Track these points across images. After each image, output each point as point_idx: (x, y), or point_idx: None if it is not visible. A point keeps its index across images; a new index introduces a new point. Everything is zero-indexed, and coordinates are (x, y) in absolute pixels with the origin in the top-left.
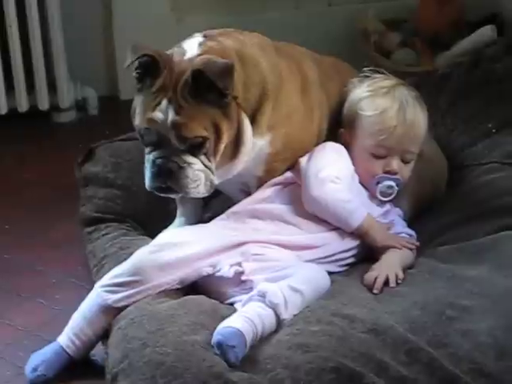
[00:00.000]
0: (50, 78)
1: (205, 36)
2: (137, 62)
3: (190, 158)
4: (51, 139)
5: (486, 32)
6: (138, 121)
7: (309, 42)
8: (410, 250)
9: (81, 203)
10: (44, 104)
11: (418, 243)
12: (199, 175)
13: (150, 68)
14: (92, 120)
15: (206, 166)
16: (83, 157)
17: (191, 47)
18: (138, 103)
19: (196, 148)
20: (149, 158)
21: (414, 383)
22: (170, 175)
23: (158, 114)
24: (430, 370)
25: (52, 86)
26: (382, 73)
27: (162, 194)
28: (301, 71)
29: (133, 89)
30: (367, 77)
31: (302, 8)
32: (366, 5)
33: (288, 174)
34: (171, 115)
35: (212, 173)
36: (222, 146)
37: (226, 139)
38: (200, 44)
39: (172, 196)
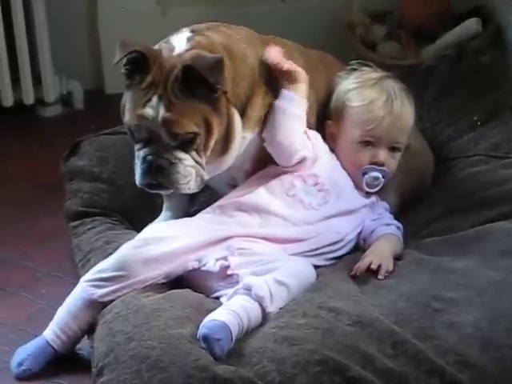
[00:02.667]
0: (35, 72)
1: (192, 31)
2: (125, 58)
3: (181, 154)
4: (37, 133)
5: (471, 25)
6: (127, 117)
7: (295, 35)
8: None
9: (66, 197)
10: (29, 98)
11: None
12: (190, 171)
13: (139, 64)
14: (77, 114)
15: (196, 162)
16: (68, 151)
17: (179, 42)
18: (127, 100)
19: (187, 144)
20: (139, 154)
21: (400, 375)
22: (160, 171)
23: (149, 111)
24: (415, 362)
25: (37, 80)
26: (369, 66)
27: (152, 191)
28: None
29: (119, 83)
30: (354, 69)
31: (287, 1)
32: None
33: (271, 167)
34: (162, 112)
35: (202, 168)
36: (212, 142)
37: (216, 134)
38: (188, 39)
39: (162, 192)
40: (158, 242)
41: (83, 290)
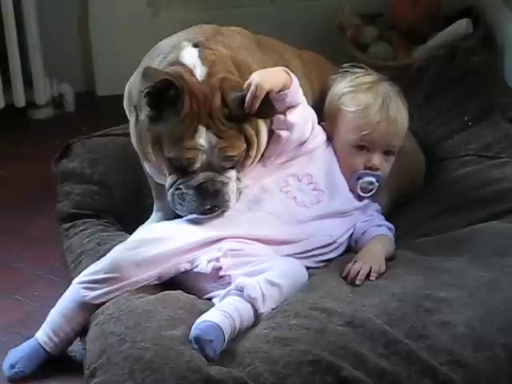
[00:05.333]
0: (26, 74)
1: (196, 45)
2: (150, 88)
3: (231, 173)
4: (28, 136)
5: (462, 25)
6: (174, 152)
7: (285, 36)
8: None
9: (58, 199)
10: (20, 101)
11: None
12: (235, 186)
13: (166, 93)
14: (69, 116)
15: (237, 177)
16: (60, 153)
17: (194, 63)
18: (162, 133)
19: (236, 162)
20: (188, 184)
21: (393, 375)
22: (215, 195)
23: (201, 141)
24: (408, 361)
25: (28, 83)
26: (363, 68)
27: (204, 216)
28: (284, 62)
29: (110, 85)
30: (347, 72)
31: (278, 2)
32: None
33: (265, 164)
34: (214, 140)
35: (241, 182)
36: (253, 154)
37: (256, 146)
38: (200, 57)
39: (213, 215)
40: (150, 244)
41: (75, 291)
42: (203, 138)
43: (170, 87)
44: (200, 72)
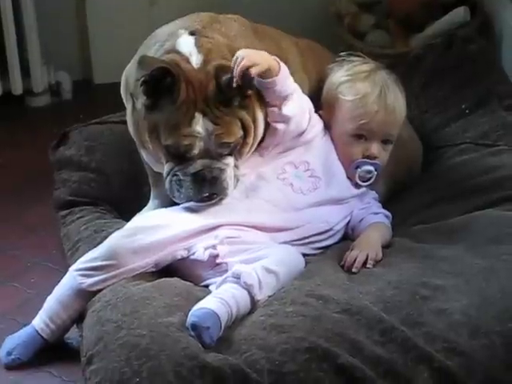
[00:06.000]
0: (24, 62)
1: (192, 33)
2: (147, 76)
3: (228, 159)
4: (25, 123)
5: (459, 13)
6: (172, 139)
7: (282, 24)
8: None
9: (55, 187)
10: (18, 88)
11: None
12: (233, 173)
13: (162, 81)
14: (66, 104)
15: (235, 165)
16: (57, 140)
17: (190, 51)
18: (159, 121)
19: (233, 149)
20: (186, 171)
21: (389, 362)
22: (213, 182)
23: (198, 128)
24: (404, 349)
25: (25, 71)
26: (360, 56)
27: (202, 204)
28: (281, 51)
29: (107, 73)
30: (344, 61)
31: None
32: None
33: (262, 153)
34: (210, 127)
35: (238, 169)
36: (250, 141)
37: (253, 134)
38: (197, 45)
39: (211, 202)
40: (147, 231)
41: (72, 278)
42: (200, 125)
43: (166, 75)
44: (196, 60)
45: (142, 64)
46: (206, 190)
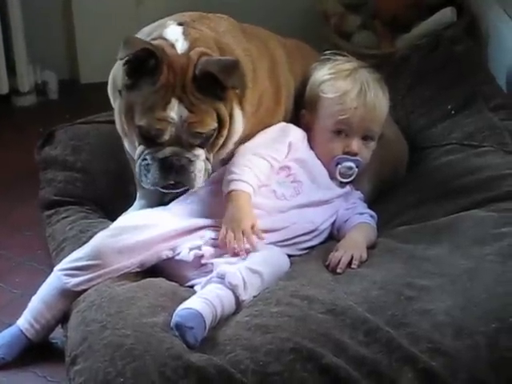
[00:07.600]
0: (10, 61)
1: (180, 23)
2: (130, 56)
3: (199, 151)
4: (11, 123)
5: (446, 14)
6: (145, 121)
7: (269, 24)
8: None
9: (40, 186)
10: (4, 88)
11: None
12: (203, 166)
13: (144, 63)
14: (52, 104)
15: (206, 157)
16: (43, 140)
17: (176, 38)
18: (136, 101)
19: (205, 140)
20: (154, 156)
21: (373, 363)
22: (181, 171)
23: (172, 114)
24: (388, 349)
25: (11, 70)
26: (343, 55)
27: (167, 191)
28: (268, 51)
29: (93, 73)
30: (328, 59)
31: None
32: None
33: None
34: (185, 114)
35: (210, 163)
36: (224, 135)
37: (227, 128)
38: (184, 34)
39: (177, 191)
40: (132, 231)
41: (57, 278)
42: (174, 111)
43: (149, 57)
44: (181, 46)
45: (127, 44)
46: (172, 177)
